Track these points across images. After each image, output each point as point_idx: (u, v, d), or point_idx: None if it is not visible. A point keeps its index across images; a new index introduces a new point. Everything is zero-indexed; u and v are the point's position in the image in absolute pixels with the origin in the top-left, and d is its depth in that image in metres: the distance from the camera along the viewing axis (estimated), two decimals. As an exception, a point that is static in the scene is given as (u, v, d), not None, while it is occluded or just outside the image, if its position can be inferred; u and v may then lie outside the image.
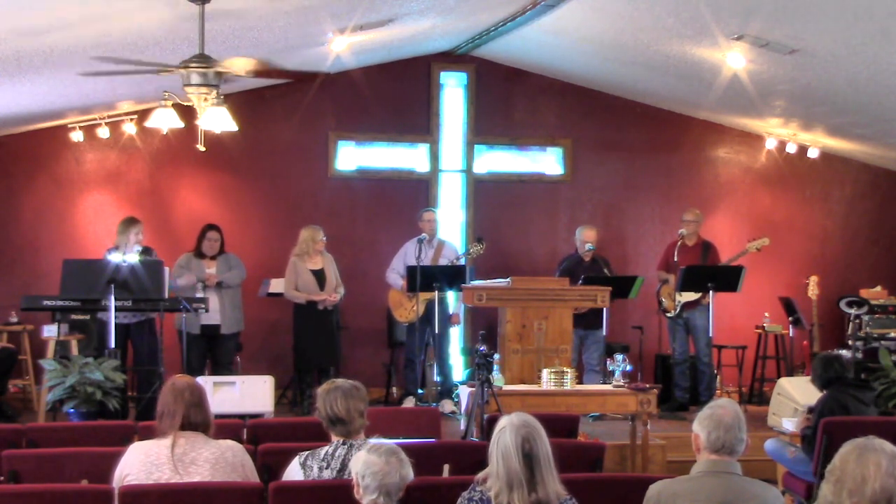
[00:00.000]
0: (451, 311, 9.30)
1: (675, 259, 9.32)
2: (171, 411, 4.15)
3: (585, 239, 9.35)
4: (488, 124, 10.62)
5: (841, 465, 2.87)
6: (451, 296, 9.15)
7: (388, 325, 9.75)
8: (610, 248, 10.27)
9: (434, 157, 10.56)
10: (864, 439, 2.91)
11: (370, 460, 3.51)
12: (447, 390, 9.14)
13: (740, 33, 7.11)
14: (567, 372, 7.05)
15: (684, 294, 9.17)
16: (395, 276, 9.27)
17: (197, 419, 4.16)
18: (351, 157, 10.46)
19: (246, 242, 9.81)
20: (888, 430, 4.71)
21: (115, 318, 7.54)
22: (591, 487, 4.25)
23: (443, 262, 9.16)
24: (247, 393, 7.68)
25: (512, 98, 10.64)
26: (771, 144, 10.71)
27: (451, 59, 10.50)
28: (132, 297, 7.69)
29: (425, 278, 8.65)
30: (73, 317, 8.08)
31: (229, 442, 4.25)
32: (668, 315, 9.43)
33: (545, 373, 7.07)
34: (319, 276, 8.99)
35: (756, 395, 9.95)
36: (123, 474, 4.12)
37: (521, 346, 7.47)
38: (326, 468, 4.12)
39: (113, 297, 7.41)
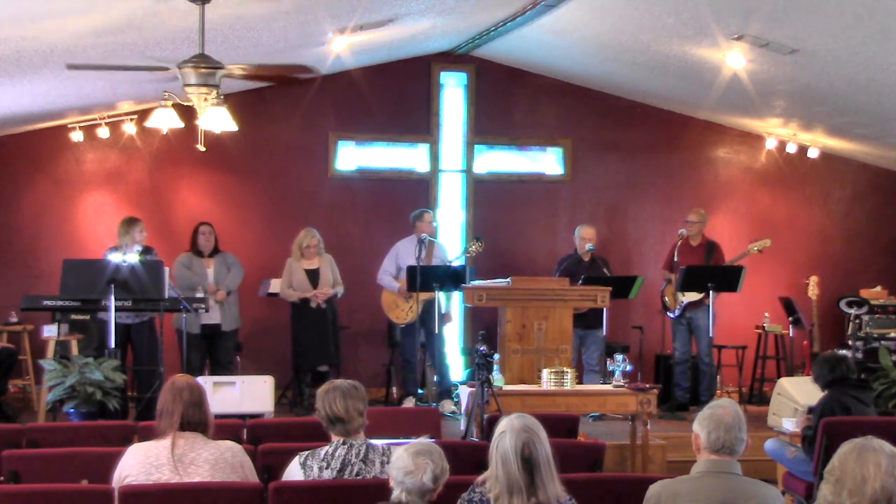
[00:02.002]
0: (443, 309, 9.27)
1: (676, 259, 9.33)
2: (170, 410, 4.15)
3: (584, 237, 9.34)
4: (488, 124, 10.62)
5: (840, 465, 2.87)
6: (441, 295, 9.11)
7: (387, 325, 9.75)
8: (610, 248, 10.27)
9: (434, 157, 10.56)
10: (863, 439, 2.91)
11: (400, 456, 3.55)
12: (446, 390, 9.14)
13: (740, 33, 7.11)
14: (567, 372, 7.05)
15: (687, 294, 9.17)
16: (389, 278, 9.25)
17: (195, 419, 4.15)
18: (351, 157, 10.45)
19: (245, 242, 9.81)
20: (888, 430, 4.71)
21: (116, 318, 7.54)
22: (591, 487, 4.25)
23: (435, 262, 9.16)
24: (247, 393, 7.69)
25: (512, 98, 10.64)
26: (771, 144, 10.71)
27: (451, 59, 10.50)
28: (132, 298, 7.69)
29: (425, 278, 8.64)
30: (73, 317, 8.07)
31: (228, 443, 4.25)
32: (671, 315, 9.42)
33: (545, 373, 7.07)
34: (314, 275, 9.01)
35: (756, 395, 9.95)
36: (122, 475, 4.12)
37: (521, 346, 7.46)
38: (326, 468, 4.12)
39: (113, 297, 7.41)
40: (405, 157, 10.56)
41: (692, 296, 9.15)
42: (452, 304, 9.54)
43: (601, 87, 10.57)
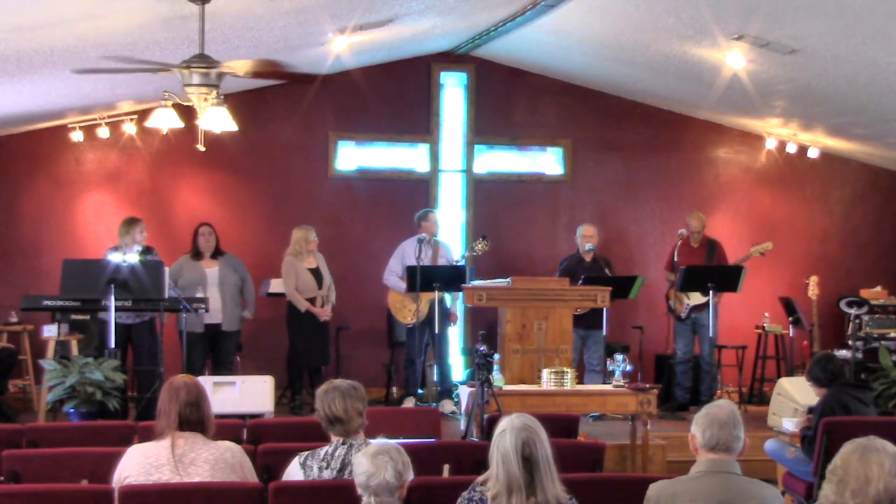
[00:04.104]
0: (448, 308, 9.26)
1: (676, 259, 9.33)
2: (167, 410, 4.15)
3: (585, 235, 9.35)
4: (488, 124, 10.62)
5: (843, 465, 2.86)
6: (447, 295, 9.10)
7: (388, 325, 9.75)
8: (610, 248, 10.27)
9: (434, 157, 10.56)
10: (866, 439, 2.90)
11: (358, 461, 3.57)
12: (446, 390, 9.14)
13: (740, 33, 7.11)
14: (567, 372, 7.05)
15: (692, 297, 9.17)
16: (395, 278, 9.24)
17: (193, 418, 4.15)
18: (351, 157, 10.45)
19: (246, 242, 9.80)
20: (888, 430, 4.71)
21: (116, 318, 7.54)
22: (591, 487, 4.25)
23: (441, 262, 9.16)
24: (247, 393, 7.68)
25: (512, 98, 10.64)
26: (771, 144, 10.71)
27: (451, 59, 10.50)
28: (132, 298, 7.69)
29: (425, 278, 8.64)
30: (73, 317, 8.07)
31: (228, 443, 4.25)
32: (677, 317, 9.38)
33: (545, 373, 7.07)
34: (317, 274, 9.04)
35: (756, 395, 9.95)
36: (122, 476, 4.12)
37: (521, 346, 7.46)
38: (326, 468, 4.12)
39: (113, 297, 7.41)
40: (405, 157, 10.56)
41: (696, 298, 9.15)
42: (457, 303, 9.53)
43: (601, 87, 10.57)
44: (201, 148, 6.52)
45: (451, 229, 10.51)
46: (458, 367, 9.92)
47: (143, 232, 8.50)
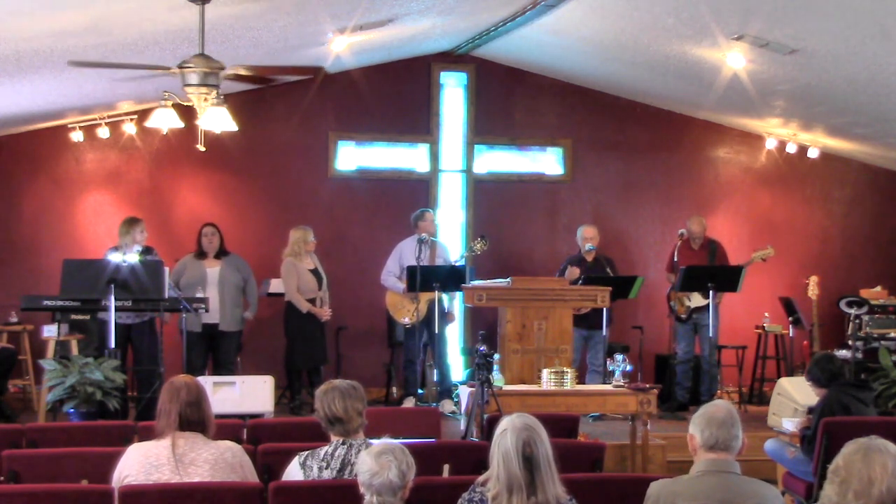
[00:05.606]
0: (445, 309, 9.25)
1: (676, 260, 9.33)
2: (167, 410, 4.15)
3: (585, 236, 9.36)
4: (488, 124, 10.62)
5: (846, 465, 2.85)
6: (444, 294, 9.10)
7: (387, 325, 9.74)
8: (610, 248, 10.25)
9: (434, 157, 10.56)
10: (868, 439, 2.89)
11: (362, 460, 3.57)
12: (446, 390, 9.14)
13: (740, 33, 7.11)
14: (567, 372, 7.05)
15: (693, 299, 9.16)
16: (393, 279, 9.23)
17: (193, 417, 4.14)
18: (351, 157, 10.45)
19: (246, 242, 9.80)
20: (888, 430, 4.71)
21: (116, 318, 7.53)
22: (591, 487, 4.25)
23: (438, 262, 9.15)
24: (247, 393, 7.69)
25: (512, 98, 10.64)
26: (771, 144, 10.71)
27: (451, 59, 10.50)
28: (132, 298, 7.69)
29: (425, 278, 8.63)
30: (73, 317, 8.07)
31: (228, 443, 4.25)
32: (680, 318, 9.37)
33: (545, 373, 7.07)
34: (317, 275, 9.07)
35: (756, 395, 9.95)
36: (122, 475, 4.12)
37: (521, 346, 7.46)
38: (326, 468, 4.13)
39: (113, 297, 7.41)
40: (405, 157, 10.56)
41: (697, 300, 9.14)
42: (454, 303, 9.53)
43: (601, 87, 10.57)
44: (201, 148, 6.52)
45: (450, 229, 10.51)
46: (457, 367, 9.92)
47: (144, 232, 8.50)
